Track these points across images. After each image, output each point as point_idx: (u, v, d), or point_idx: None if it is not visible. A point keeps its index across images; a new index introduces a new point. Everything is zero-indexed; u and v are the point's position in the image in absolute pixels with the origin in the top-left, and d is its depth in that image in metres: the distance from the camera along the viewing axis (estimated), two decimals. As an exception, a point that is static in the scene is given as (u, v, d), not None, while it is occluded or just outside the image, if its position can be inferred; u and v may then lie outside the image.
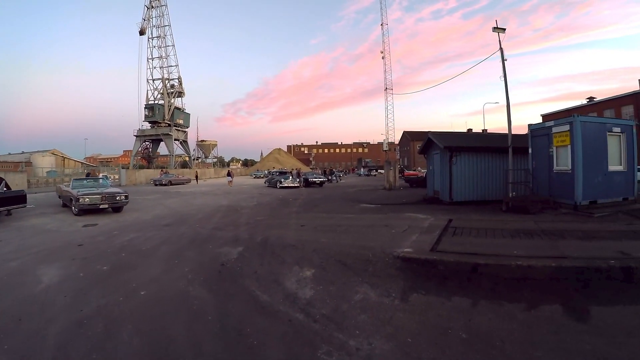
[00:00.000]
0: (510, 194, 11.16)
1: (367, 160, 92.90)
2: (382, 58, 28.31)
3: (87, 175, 19.32)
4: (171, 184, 30.30)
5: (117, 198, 11.77)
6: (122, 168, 35.35)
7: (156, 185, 30.14)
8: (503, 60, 12.50)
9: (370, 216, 8.90)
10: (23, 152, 50.73)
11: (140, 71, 53.43)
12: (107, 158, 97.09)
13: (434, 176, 14.06)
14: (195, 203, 14.48)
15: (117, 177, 30.95)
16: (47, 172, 33.81)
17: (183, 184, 32.29)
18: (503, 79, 12.29)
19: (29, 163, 41.51)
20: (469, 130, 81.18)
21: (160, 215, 10.78)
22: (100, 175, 19.31)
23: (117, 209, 12.06)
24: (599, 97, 45.22)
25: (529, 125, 11.96)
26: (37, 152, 49.81)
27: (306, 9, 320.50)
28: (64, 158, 50.25)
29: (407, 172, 34.59)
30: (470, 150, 12.68)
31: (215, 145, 71.23)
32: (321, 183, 25.17)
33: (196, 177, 36.49)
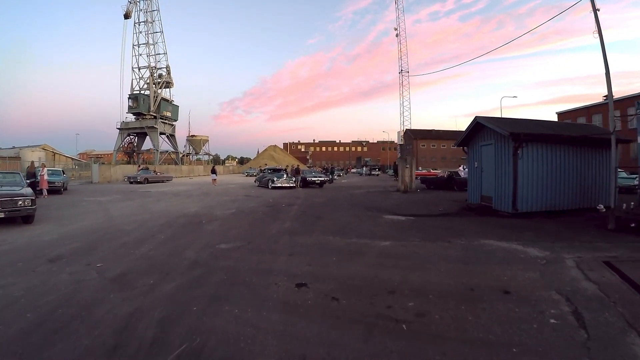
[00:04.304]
0: (624, 205, 7.34)
1: (366, 159, 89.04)
2: (396, 35, 24.39)
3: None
4: (148, 182, 26.15)
5: (19, 204, 7.80)
6: (95, 163, 31.13)
7: (131, 183, 25.98)
8: (595, 10, 8.66)
9: (432, 248, 4.90)
10: (14, 147, 46.47)
11: (123, 58, 48.63)
12: (100, 154, 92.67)
13: (481, 176, 10.17)
14: (152, 209, 10.47)
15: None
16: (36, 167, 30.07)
17: (162, 181, 28.16)
18: (597, 34, 8.44)
19: (17, 158, 37.36)
20: (474, 129, 77.68)
21: (76, 233, 6.81)
22: (44, 170, 15.16)
23: (25, 218, 8.12)
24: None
25: (643, 101, 8.23)
26: (27, 147, 45.54)
27: (304, 9, 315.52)
28: (54, 153, 45.92)
29: (416, 171, 30.75)
30: (543, 140, 8.82)
31: (207, 140, 66.40)
32: (321, 183, 21.18)
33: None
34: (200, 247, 5.29)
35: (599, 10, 8.78)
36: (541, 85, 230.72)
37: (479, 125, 9.92)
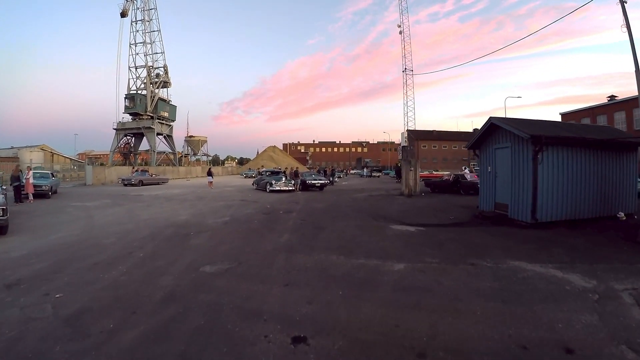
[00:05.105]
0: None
1: (366, 160, 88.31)
2: (400, 33, 23.67)
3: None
4: (142, 184, 25.35)
5: (-13, 213, 7.09)
6: (89, 164, 30.31)
7: (125, 185, 25.18)
8: (622, 2, 7.92)
9: (456, 275, 4.08)
10: (12, 147, 45.77)
11: (119, 57, 47.98)
12: (98, 154, 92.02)
13: (495, 182, 9.41)
14: (139, 217, 9.69)
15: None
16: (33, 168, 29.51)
17: (158, 184, 27.39)
18: (626, 28, 7.69)
19: (16, 158, 36.70)
20: (475, 130, 77.08)
21: (49, 248, 6.06)
22: (30, 174, 14.36)
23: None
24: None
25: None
26: (26, 147, 44.83)
27: (304, 10, 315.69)
28: (52, 154, 45.23)
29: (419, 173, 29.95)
30: (565, 143, 8.09)
31: (205, 141, 65.58)
32: (322, 186, 20.41)
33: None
34: (181, 270, 4.51)
35: (626, 2, 8.04)
36: (541, 86, 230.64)
37: (493, 127, 9.16)
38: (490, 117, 9.19)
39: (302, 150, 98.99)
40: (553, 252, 5.33)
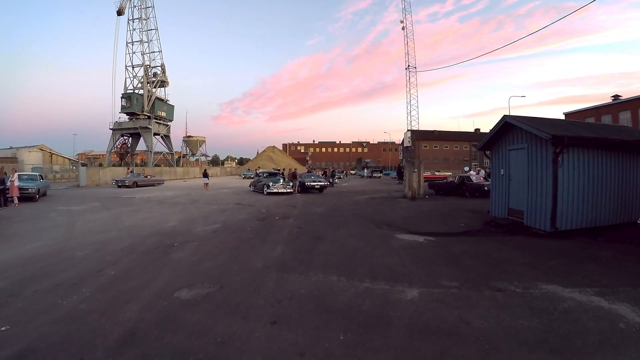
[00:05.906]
0: None
1: (367, 160, 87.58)
2: (402, 29, 22.95)
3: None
4: (137, 186, 24.65)
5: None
6: (83, 165, 29.59)
7: (119, 187, 24.48)
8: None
9: (484, 308, 3.31)
10: (11, 147, 45.12)
11: (116, 56, 47.12)
12: (98, 154, 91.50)
13: (508, 186, 8.70)
14: (124, 224, 8.99)
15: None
16: (32, 168, 29.25)
17: (153, 185, 26.69)
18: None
19: (14, 159, 36.09)
20: (477, 130, 76.19)
21: (16, 261, 5.38)
22: (15, 176, 13.64)
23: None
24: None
25: None
26: (25, 147, 44.18)
27: (304, 10, 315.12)
28: (51, 154, 44.55)
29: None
30: (587, 144, 7.39)
31: (204, 141, 64.78)
32: (321, 188, 19.70)
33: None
34: (152, 295, 3.79)
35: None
36: (541, 85, 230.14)
37: (507, 126, 8.44)
38: (505, 116, 8.47)
39: (302, 151, 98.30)
40: (585, 271, 4.63)
